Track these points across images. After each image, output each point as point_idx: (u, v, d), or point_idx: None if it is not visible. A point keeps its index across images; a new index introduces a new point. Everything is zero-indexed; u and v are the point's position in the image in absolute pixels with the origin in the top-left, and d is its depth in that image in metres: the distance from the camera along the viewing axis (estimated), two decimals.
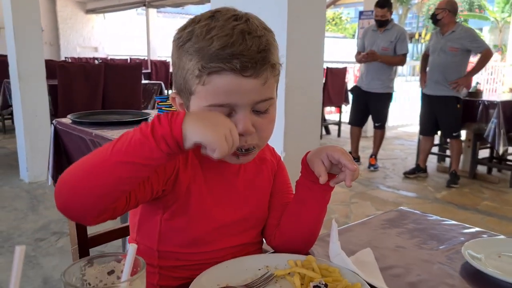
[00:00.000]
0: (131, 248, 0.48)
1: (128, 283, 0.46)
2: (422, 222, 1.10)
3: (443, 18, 4.24)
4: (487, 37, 16.51)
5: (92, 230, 1.04)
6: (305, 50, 1.82)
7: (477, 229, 1.06)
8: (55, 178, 2.34)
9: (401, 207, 1.20)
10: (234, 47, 0.71)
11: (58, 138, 2.36)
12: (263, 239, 0.96)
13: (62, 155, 2.38)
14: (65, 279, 0.46)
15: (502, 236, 1.01)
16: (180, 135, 0.64)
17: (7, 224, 3.16)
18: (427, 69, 4.49)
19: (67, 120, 2.36)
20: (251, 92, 0.74)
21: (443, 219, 1.12)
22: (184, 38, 0.75)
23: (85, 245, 1.03)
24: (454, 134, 4.40)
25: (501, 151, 4.40)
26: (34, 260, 2.66)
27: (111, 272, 0.52)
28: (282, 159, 1.00)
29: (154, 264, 0.85)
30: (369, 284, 0.73)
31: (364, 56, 4.68)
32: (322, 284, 0.71)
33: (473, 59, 4.87)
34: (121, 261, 0.51)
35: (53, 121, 2.40)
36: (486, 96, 4.82)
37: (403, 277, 0.82)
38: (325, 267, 0.78)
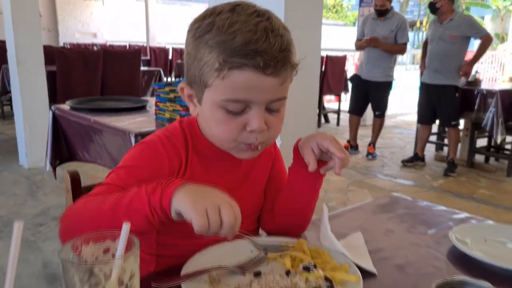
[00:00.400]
0: (125, 226, 0.51)
1: (122, 260, 0.49)
2: (413, 208, 1.13)
3: (442, 7, 4.23)
4: (488, 25, 16.39)
5: None
6: (302, 39, 1.82)
7: (466, 214, 1.08)
8: (53, 164, 2.36)
9: (394, 193, 1.22)
10: (258, 44, 0.71)
11: (57, 124, 2.38)
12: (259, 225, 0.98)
13: (60, 141, 2.40)
14: (62, 256, 0.48)
15: (490, 222, 1.04)
16: (168, 207, 0.65)
17: (6, 209, 3.19)
18: (426, 58, 4.49)
19: (65, 106, 2.38)
20: (269, 90, 0.74)
21: (433, 205, 1.15)
22: (204, 29, 0.75)
23: None
24: (452, 123, 4.41)
25: (499, 140, 4.42)
26: (34, 245, 2.69)
27: (106, 250, 0.54)
28: (278, 146, 1.01)
29: (153, 253, 0.87)
30: (357, 266, 0.76)
31: (366, 41, 4.66)
32: (311, 265, 0.74)
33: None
34: (116, 240, 0.53)
35: (52, 107, 2.41)
36: (485, 85, 4.83)
37: (391, 260, 0.85)
38: (315, 249, 0.80)
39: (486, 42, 4.26)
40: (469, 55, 4.45)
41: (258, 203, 0.95)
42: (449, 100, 4.36)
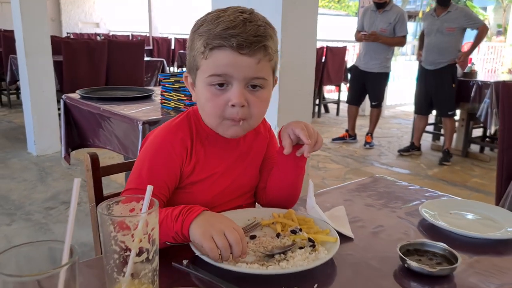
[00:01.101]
0: (149, 188, 0.65)
1: (146, 214, 0.63)
2: (391, 187, 1.27)
3: None
4: (491, 16, 16.38)
5: (114, 186, 1.20)
6: (298, 33, 1.95)
7: (439, 193, 1.23)
8: (67, 151, 2.50)
9: (376, 175, 1.37)
10: (235, 30, 0.86)
11: (68, 113, 2.51)
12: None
13: (72, 128, 2.53)
14: (100, 211, 0.63)
15: (457, 198, 1.18)
16: (188, 234, 0.82)
17: (18, 194, 3.35)
18: (423, 50, 4.60)
19: (75, 95, 2.51)
20: (245, 68, 0.88)
21: (411, 184, 1.29)
22: (198, 25, 0.92)
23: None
24: (449, 113, 4.54)
25: (493, 131, 4.54)
26: (45, 227, 2.85)
27: (131, 210, 0.68)
28: (275, 134, 1.14)
29: None
30: (337, 231, 0.90)
31: (365, 37, 4.77)
32: (298, 229, 0.88)
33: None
34: (139, 202, 0.67)
35: (63, 96, 2.55)
36: (484, 77, 4.95)
37: (367, 228, 0.99)
38: (302, 218, 0.95)
39: (483, 31, 4.39)
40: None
41: (254, 181, 1.09)
42: (446, 89, 4.48)
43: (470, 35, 4.59)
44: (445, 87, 4.47)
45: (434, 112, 4.92)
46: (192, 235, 0.81)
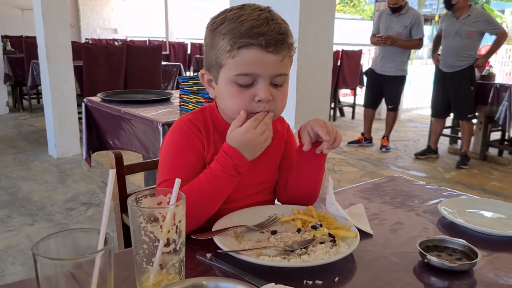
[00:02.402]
0: (177, 181, 0.68)
1: (175, 206, 0.66)
2: (409, 186, 1.28)
3: (458, 3, 4.30)
4: (509, 19, 16.17)
5: (131, 189, 1.24)
6: (316, 35, 1.97)
7: (458, 192, 1.23)
8: (88, 153, 2.56)
9: (394, 175, 1.37)
10: (260, 28, 0.89)
11: (89, 116, 2.57)
12: (275, 196, 1.15)
13: (92, 131, 2.59)
14: (130, 203, 0.66)
15: (476, 197, 1.18)
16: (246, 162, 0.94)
17: (39, 195, 3.43)
18: (441, 52, 4.57)
19: (97, 98, 2.57)
20: (271, 65, 0.92)
21: (429, 184, 1.30)
22: (218, 23, 0.94)
23: (125, 201, 1.23)
24: (468, 116, 4.49)
25: (511, 134, 4.49)
26: (66, 227, 2.91)
27: (159, 203, 0.71)
28: (294, 133, 1.16)
29: None
30: (357, 227, 0.92)
31: (382, 40, 4.76)
32: (318, 224, 0.90)
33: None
34: (166, 195, 0.70)
35: (84, 100, 2.61)
36: (502, 79, 4.89)
37: (386, 225, 1.01)
38: (322, 214, 0.97)
39: (502, 37, 4.34)
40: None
41: (272, 177, 1.10)
42: (464, 92, 4.43)
43: (488, 38, 4.55)
44: (464, 89, 4.43)
45: (451, 115, 4.88)
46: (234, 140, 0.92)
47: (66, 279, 0.52)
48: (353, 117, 7.13)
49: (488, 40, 4.67)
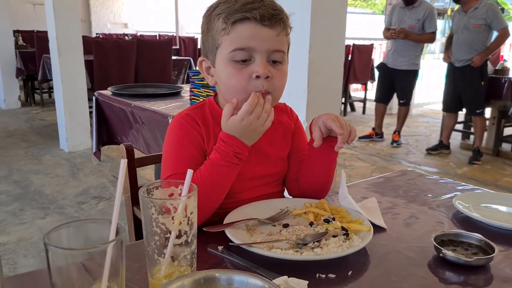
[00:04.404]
0: (189, 172, 0.67)
1: (187, 197, 0.65)
2: (422, 180, 1.26)
3: None
4: None
5: (142, 182, 1.24)
6: (327, 29, 1.95)
7: (472, 186, 1.21)
8: (98, 147, 2.57)
9: (406, 170, 1.36)
10: (254, 4, 0.89)
11: (99, 110, 2.58)
12: (284, 188, 1.13)
13: (102, 125, 2.60)
14: (142, 194, 0.65)
15: (491, 191, 1.16)
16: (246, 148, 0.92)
17: (51, 189, 3.45)
18: (452, 47, 4.50)
19: (107, 92, 2.58)
20: (267, 40, 0.91)
21: (441, 178, 1.28)
22: (212, 7, 0.95)
23: (136, 194, 1.23)
24: (477, 111, 4.44)
25: None
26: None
27: (171, 195, 0.70)
28: (304, 128, 1.15)
29: None
30: (370, 221, 0.90)
31: (395, 33, 4.70)
32: (331, 217, 0.89)
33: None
34: (178, 187, 0.69)
35: (95, 93, 2.62)
36: None
37: (400, 218, 0.99)
38: (335, 208, 0.95)
39: (503, 36, 4.26)
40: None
41: (281, 170, 1.08)
42: (474, 87, 4.37)
43: None
44: (474, 84, 4.36)
45: (464, 110, 4.81)
46: (231, 129, 0.90)
47: (78, 269, 0.51)
48: (364, 112, 7.07)
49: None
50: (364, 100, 7.04)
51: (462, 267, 0.78)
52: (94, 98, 2.60)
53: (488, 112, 4.74)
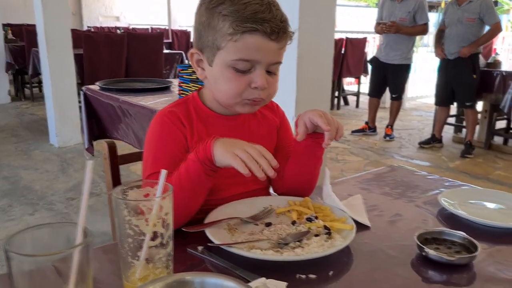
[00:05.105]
0: (163, 172, 0.65)
1: (161, 198, 0.63)
2: (410, 176, 1.25)
3: None
4: None
5: (133, 178, 1.21)
6: (316, 22, 1.93)
7: (459, 182, 1.20)
8: (91, 142, 2.54)
9: (394, 165, 1.34)
10: (265, 14, 0.87)
11: (89, 104, 2.55)
12: (270, 185, 1.12)
13: (92, 119, 2.57)
14: (115, 195, 0.63)
15: (478, 187, 1.15)
16: (211, 156, 0.83)
17: (40, 184, 3.42)
18: (445, 41, 4.48)
19: (95, 87, 2.54)
20: (271, 53, 0.90)
21: (430, 174, 1.26)
22: (216, 2, 0.90)
23: None
24: (467, 104, 4.43)
25: None
26: (67, 217, 2.90)
27: (146, 195, 0.68)
28: (292, 124, 1.12)
29: None
30: (354, 219, 0.89)
31: (386, 28, 4.68)
32: (313, 216, 0.87)
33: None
34: (154, 187, 0.67)
35: (83, 88, 2.58)
36: (509, 67, 4.81)
37: (384, 217, 0.98)
38: (318, 206, 0.94)
39: (495, 30, 4.26)
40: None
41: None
42: (466, 79, 4.36)
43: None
44: (465, 76, 4.35)
45: (455, 104, 4.81)
46: (217, 158, 0.83)
47: (42, 275, 0.50)
48: (357, 105, 7.06)
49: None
50: (357, 94, 7.02)
51: (445, 266, 0.77)
52: (82, 93, 2.57)
53: (480, 105, 4.74)
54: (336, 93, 6.65)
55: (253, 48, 0.88)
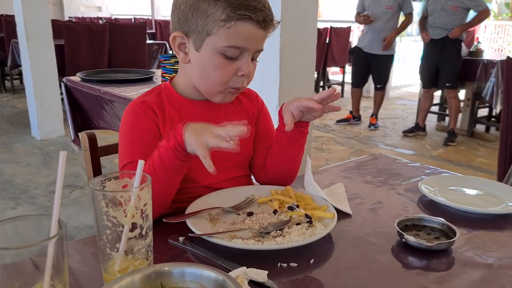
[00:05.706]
0: (140, 163, 0.64)
1: (139, 189, 0.62)
2: (391, 165, 1.26)
3: None
4: None
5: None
6: (299, 11, 1.92)
7: (440, 169, 1.21)
8: (76, 133, 2.50)
9: (376, 153, 1.35)
10: (255, 2, 0.87)
11: (70, 96, 2.51)
12: (251, 173, 1.11)
13: (76, 111, 2.53)
14: (92, 187, 0.62)
15: (457, 174, 1.17)
16: (183, 142, 0.81)
17: (22, 178, 3.37)
18: (428, 29, 4.50)
19: (76, 78, 2.50)
20: (259, 41, 0.92)
21: (411, 162, 1.28)
22: None
23: None
24: (447, 84, 4.46)
25: (498, 110, 4.48)
26: (50, 210, 2.86)
27: (124, 186, 0.67)
28: (274, 114, 1.11)
29: None
30: (335, 207, 0.89)
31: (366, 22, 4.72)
32: (295, 205, 0.87)
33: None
34: (132, 178, 0.66)
35: (64, 79, 2.54)
36: (490, 56, 4.86)
37: (366, 204, 0.99)
38: (300, 195, 0.94)
39: (483, 15, 4.30)
40: None
41: (244, 153, 1.04)
42: (452, 59, 4.38)
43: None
44: (450, 57, 4.37)
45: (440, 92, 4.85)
46: (187, 144, 0.81)
47: (18, 268, 0.49)
48: (342, 95, 7.08)
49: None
50: (342, 84, 7.04)
51: (424, 251, 0.78)
52: (63, 84, 2.53)
53: (462, 93, 4.79)
54: (321, 83, 6.65)
55: (245, 35, 0.88)
